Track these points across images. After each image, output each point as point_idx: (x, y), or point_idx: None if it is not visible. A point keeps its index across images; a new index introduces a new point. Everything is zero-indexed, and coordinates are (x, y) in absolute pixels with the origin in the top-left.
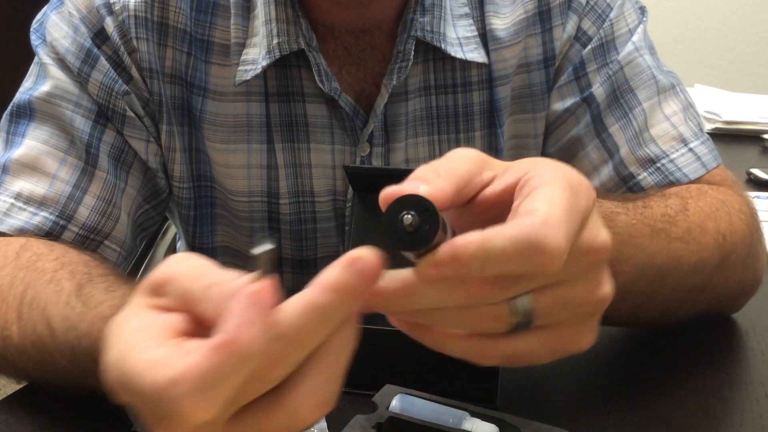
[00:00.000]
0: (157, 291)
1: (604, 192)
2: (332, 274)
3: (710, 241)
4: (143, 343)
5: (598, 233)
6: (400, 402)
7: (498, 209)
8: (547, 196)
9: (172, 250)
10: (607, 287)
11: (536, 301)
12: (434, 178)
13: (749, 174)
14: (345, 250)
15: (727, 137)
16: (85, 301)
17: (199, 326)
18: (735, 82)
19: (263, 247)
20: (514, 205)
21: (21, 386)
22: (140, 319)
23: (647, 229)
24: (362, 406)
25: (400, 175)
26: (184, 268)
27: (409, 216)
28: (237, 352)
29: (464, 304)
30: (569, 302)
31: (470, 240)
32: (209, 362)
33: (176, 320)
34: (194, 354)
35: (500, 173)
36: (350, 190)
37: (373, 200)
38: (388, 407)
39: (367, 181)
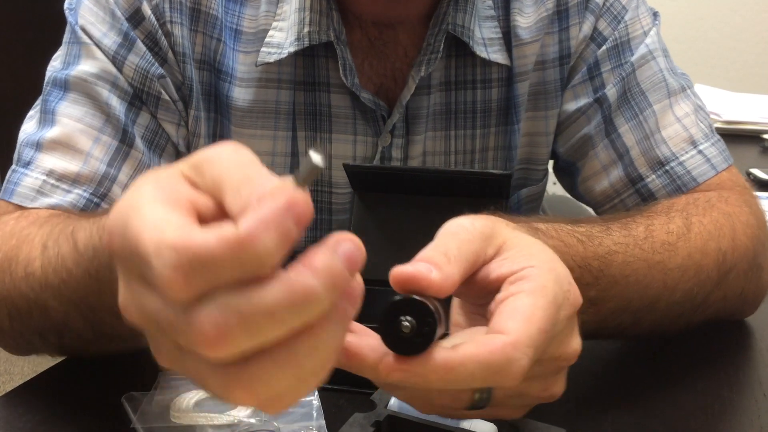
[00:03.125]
0: (195, 167)
1: (609, 221)
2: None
3: (710, 263)
4: (160, 202)
5: (571, 342)
6: (398, 400)
7: (491, 287)
8: (527, 312)
9: None
10: (560, 385)
11: (496, 392)
12: (445, 264)
13: (749, 174)
14: None
15: (727, 137)
16: None
17: (220, 218)
18: (736, 82)
19: (314, 157)
20: (497, 299)
21: (21, 383)
22: (168, 180)
23: (643, 265)
24: (361, 404)
25: (399, 174)
26: (229, 155)
27: (407, 323)
28: (244, 249)
29: (429, 389)
30: (524, 396)
31: (442, 361)
32: (212, 248)
33: (200, 199)
34: (203, 234)
35: (498, 255)
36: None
37: (372, 198)
38: (386, 405)
39: (367, 180)
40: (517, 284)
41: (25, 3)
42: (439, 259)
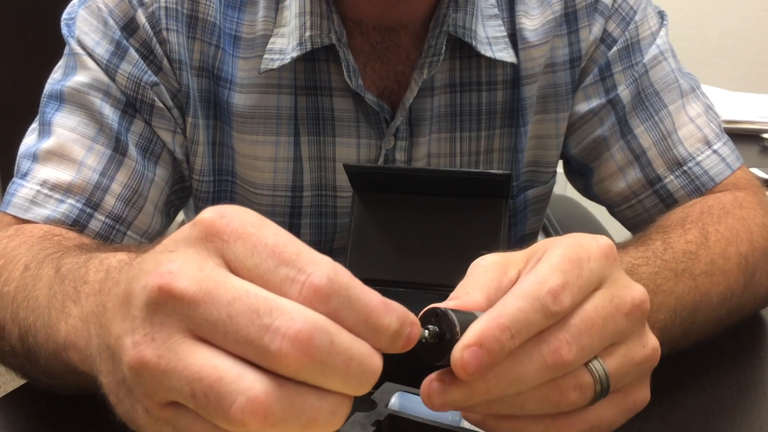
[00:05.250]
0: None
1: (623, 244)
2: None
3: (734, 267)
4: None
5: (631, 289)
6: (399, 399)
7: None
8: (547, 259)
9: None
10: (653, 339)
11: (607, 363)
12: (464, 296)
13: None
14: (346, 247)
15: None
16: (116, 249)
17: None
18: (735, 81)
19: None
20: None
21: (22, 383)
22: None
23: (671, 274)
24: (361, 403)
25: (399, 174)
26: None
27: (426, 330)
28: (386, 310)
29: (546, 378)
30: (630, 359)
31: (489, 319)
32: (358, 288)
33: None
34: (356, 280)
35: (523, 266)
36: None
37: (372, 198)
38: (387, 405)
39: (367, 180)
40: (536, 255)
41: (25, 4)
42: (458, 292)
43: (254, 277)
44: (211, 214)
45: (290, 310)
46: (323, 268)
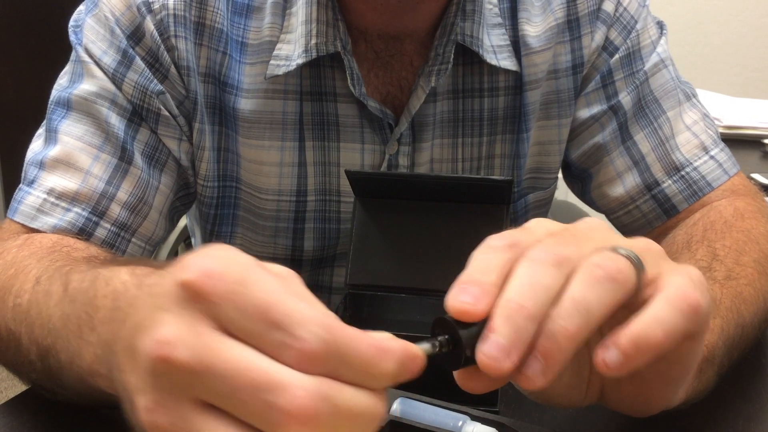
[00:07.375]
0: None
1: None
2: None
3: (753, 272)
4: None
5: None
6: (400, 405)
7: None
8: None
9: (174, 253)
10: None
11: (625, 247)
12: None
13: (750, 179)
14: (347, 252)
15: (728, 142)
16: (119, 264)
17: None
18: (736, 86)
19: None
20: None
21: (24, 389)
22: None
23: None
24: None
25: (401, 180)
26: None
27: (437, 342)
28: (379, 358)
29: (560, 272)
30: (630, 245)
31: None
32: (356, 342)
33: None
34: (351, 330)
35: None
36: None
37: (374, 204)
38: (389, 411)
39: (368, 186)
40: None
41: (27, 10)
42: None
43: (248, 339)
44: (195, 274)
45: (290, 384)
46: (315, 330)
